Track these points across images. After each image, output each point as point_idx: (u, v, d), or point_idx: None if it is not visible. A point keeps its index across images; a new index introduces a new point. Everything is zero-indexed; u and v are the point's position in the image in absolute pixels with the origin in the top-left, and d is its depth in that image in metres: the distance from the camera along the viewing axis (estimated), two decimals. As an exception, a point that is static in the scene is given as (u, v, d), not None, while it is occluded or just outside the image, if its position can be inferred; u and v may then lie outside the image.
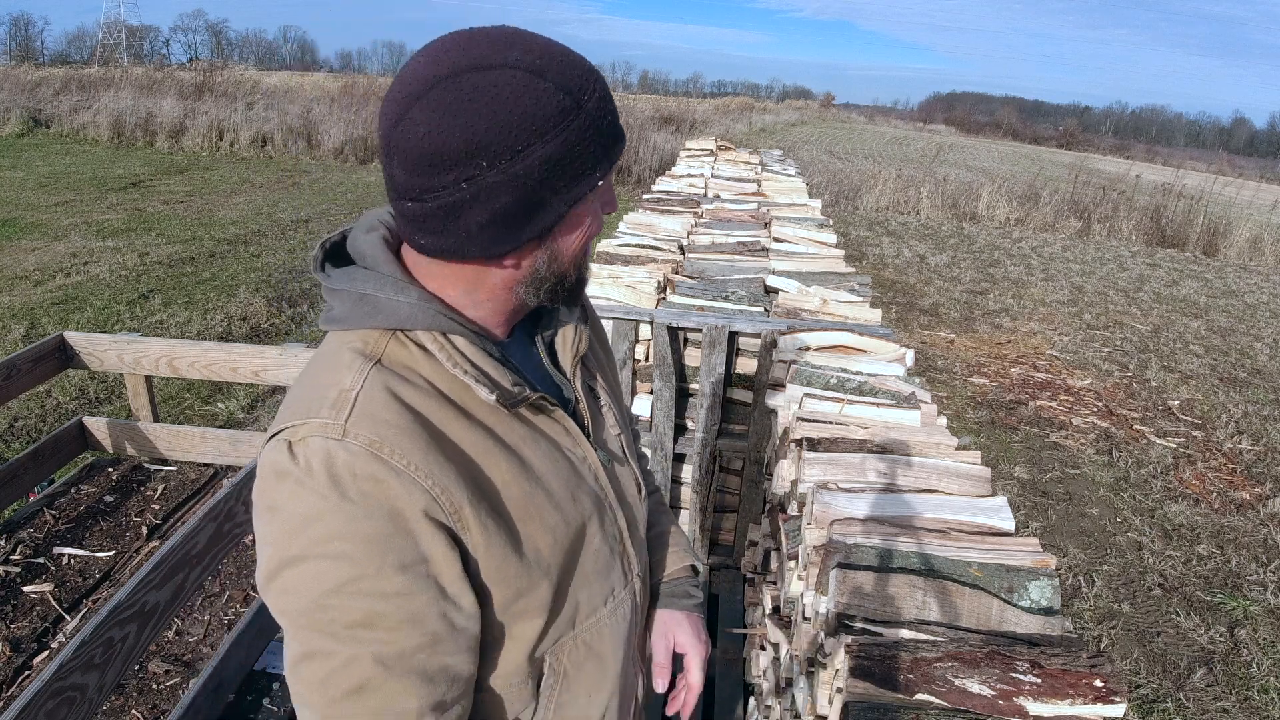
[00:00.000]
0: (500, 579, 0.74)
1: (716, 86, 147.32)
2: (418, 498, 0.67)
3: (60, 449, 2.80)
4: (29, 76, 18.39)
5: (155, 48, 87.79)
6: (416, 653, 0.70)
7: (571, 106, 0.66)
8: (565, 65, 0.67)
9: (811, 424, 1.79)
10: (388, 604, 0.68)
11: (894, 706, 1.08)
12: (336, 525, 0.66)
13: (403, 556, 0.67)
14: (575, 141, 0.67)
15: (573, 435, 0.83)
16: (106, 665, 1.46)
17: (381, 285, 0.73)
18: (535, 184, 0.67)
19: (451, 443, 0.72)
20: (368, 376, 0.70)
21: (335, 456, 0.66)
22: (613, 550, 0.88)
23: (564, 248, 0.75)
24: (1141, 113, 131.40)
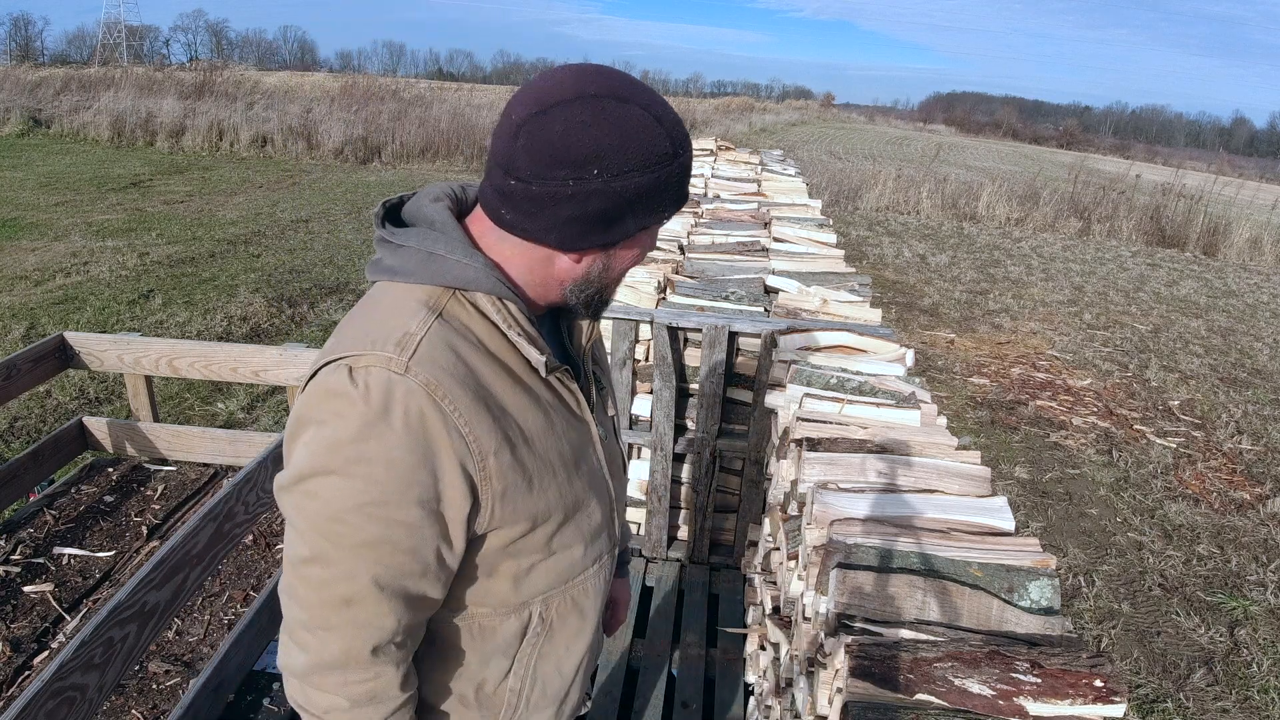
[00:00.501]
0: (510, 518, 0.84)
1: (716, 86, 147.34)
2: (455, 441, 0.76)
3: (60, 449, 2.80)
4: (29, 76, 18.38)
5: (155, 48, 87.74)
6: (407, 578, 0.80)
7: (672, 154, 0.79)
8: (675, 123, 0.80)
9: (811, 424, 1.79)
10: (398, 531, 0.77)
11: (894, 706, 1.08)
12: (376, 450, 0.74)
13: (424, 492, 0.76)
14: (663, 182, 0.79)
15: (583, 407, 0.94)
16: (106, 665, 1.46)
17: (452, 247, 0.82)
18: (624, 202, 0.78)
19: (494, 397, 0.81)
20: (431, 326, 0.79)
21: (395, 388, 0.74)
22: (604, 516, 0.98)
23: (617, 263, 0.86)
24: (1141, 113, 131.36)
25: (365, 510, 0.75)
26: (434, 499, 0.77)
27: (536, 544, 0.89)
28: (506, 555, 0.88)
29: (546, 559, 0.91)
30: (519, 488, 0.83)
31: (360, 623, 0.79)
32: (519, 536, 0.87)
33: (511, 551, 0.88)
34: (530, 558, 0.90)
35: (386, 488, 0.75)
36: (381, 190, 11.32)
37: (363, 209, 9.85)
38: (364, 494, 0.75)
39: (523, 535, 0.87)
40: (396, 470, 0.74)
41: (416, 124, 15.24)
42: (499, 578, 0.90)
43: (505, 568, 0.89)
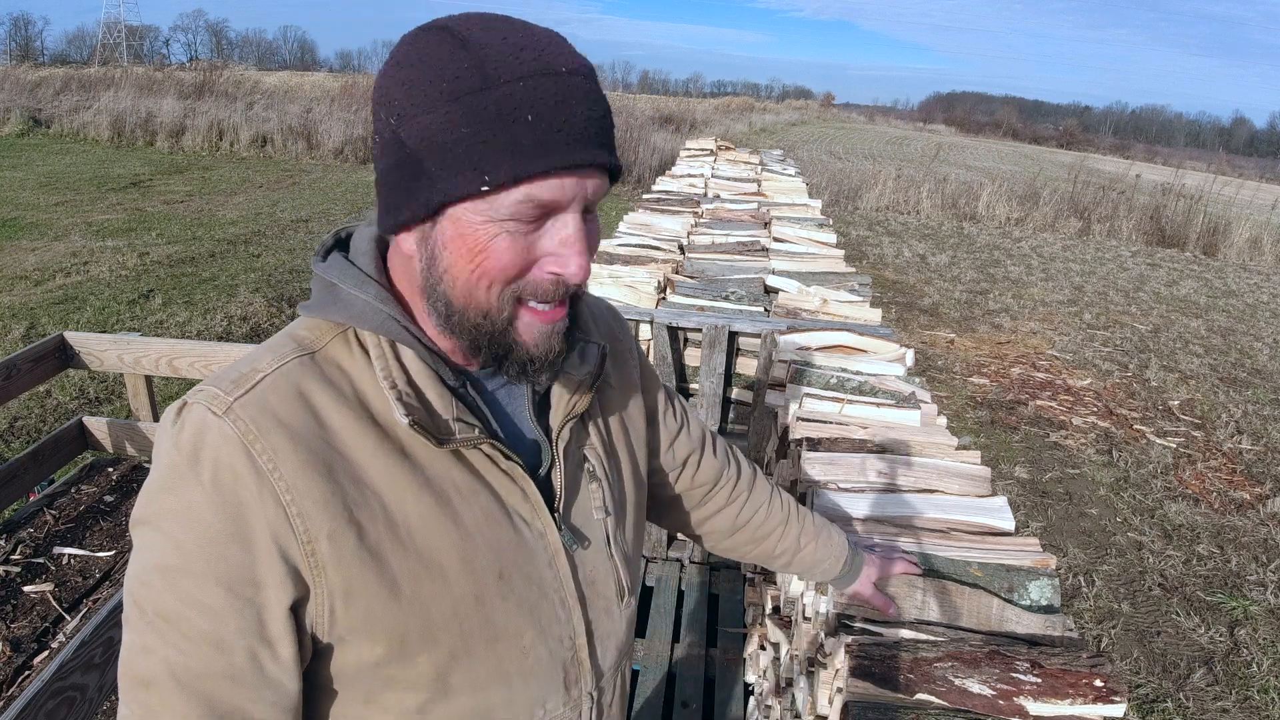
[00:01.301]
0: (365, 630, 0.64)
1: (716, 86, 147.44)
2: (270, 510, 0.59)
3: (60, 449, 2.80)
4: (29, 76, 18.40)
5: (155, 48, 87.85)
6: (209, 679, 0.61)
7: (476, 83, 0.56)
8: (504, 46, 0.57)
9: (811, 424, 1.79)
10: (196, 614, 0.60)
11: (894, 706, 1.08)
12: (178, 504, 0.59)
13: (230, 571, 0.59)
14: (464, 123, 0.56)
15: (532, 503, 0.71)
16: (106, 665, 1.46)
17: (345, 276, 0.67)
18: (414, 154, 0.59)
19: (349, 463, 0.62)
20: (285, 365, 0.63)
21: (206, 432, 0.60)
22: (553, 653, 0.74)
23: (448, 259, 0.61)
24: (1141, 113, 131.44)
25: (162, 576, 0.60)
26: (245, 582, 0.59)
27: (421, 677, 0.67)
28: (380, 682, 0.67)
29: (443, 699, 0.69)
30: (373, 590, 0.63)
31: (150, 712, 0.61)
32: (387, 659, 0.65)
33: (385, 678, 0.67)
34: (417, 694, 0.68)
35: (183, 554, 0.59)
36: (381, 190, 11.32)
37: (363, 209, 9.86)
38: (166, 555, 0.60)
39: (391, 660, 0.65)
40: (198, 535, 0.59)
41: (416, 124, 15.21)
42: (378, 709, 0.69)
43: (385, 699, 0.68)
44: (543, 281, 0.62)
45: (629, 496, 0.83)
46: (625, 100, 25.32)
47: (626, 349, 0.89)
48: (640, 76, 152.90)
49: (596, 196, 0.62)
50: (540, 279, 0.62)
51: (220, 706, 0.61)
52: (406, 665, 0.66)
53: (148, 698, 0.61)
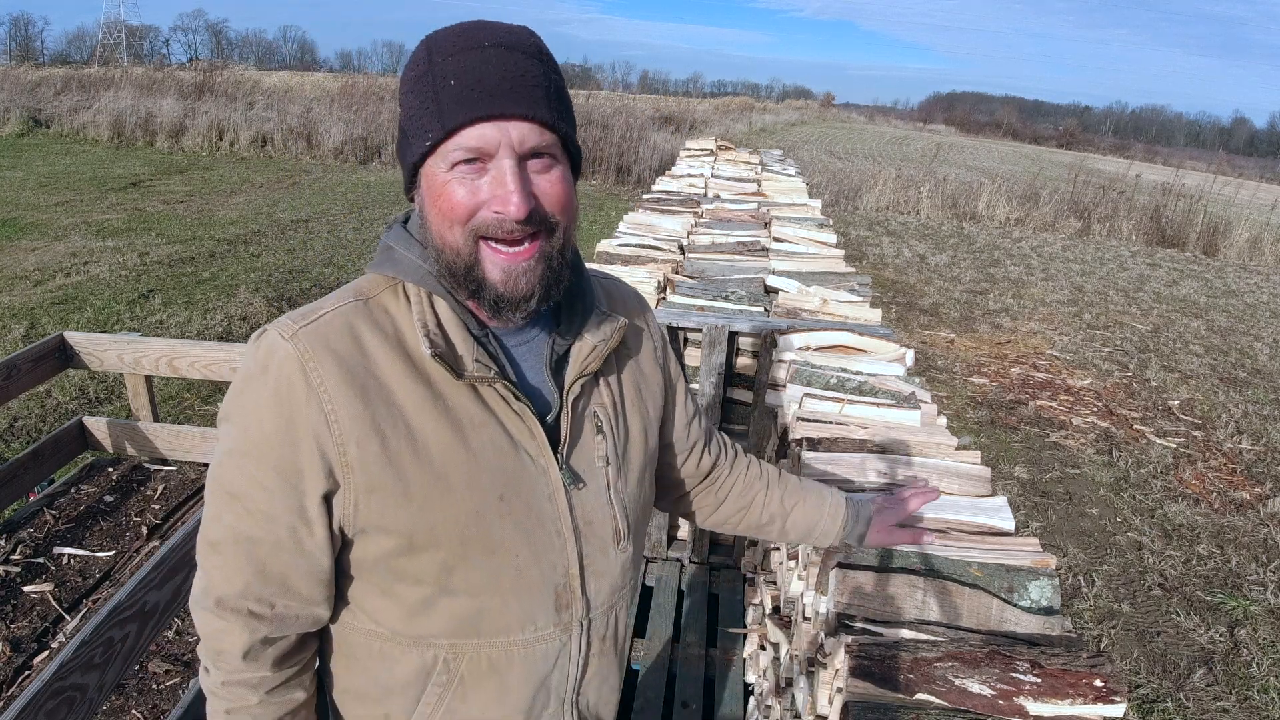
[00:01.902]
0: (380, 523, 0.78)
1: (716, 86, 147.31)
2: (314, 416, 0.74)
3: (60, 449, 2.80)
4: (29, 76, 18.40)
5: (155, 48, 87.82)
6: (262, 545, 0.77)
7: (424, 68, 0.74)
8: (448, 35, 0.75)
9: (811, 424, 1.79)
10: (255, 491, 0.76)
11: (894, 706, 1.08)
12: (249, 403, 0.76)
13: (281, 460, 0.75)
14: (416, 96, 0.75)
15: (537, 442, 0.82)
16: (106, 665, 1.46)
17: (399, 240, 0.83)
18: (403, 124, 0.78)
19: (384, 388, 0.76)
20: (343, 306, 0.79)
21: (275, 349, 0.75)
22: (545, 576, 0.84)
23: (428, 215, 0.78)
24: (1141, 113, 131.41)
25: (234, 459, 0.77)
26: (292, 471, 0.75)
27: (424, 572, 0.80)
28: (391, 573, 0.81)
29: (445, 596, 0.82)
30: (390, 490, 0.76)
31: (216, 568, 0.79)
32: (397, 553, 0.79)
33: (396, 570, 0.81)
34: (423, 588, 0.81)
35: (249, 442, 0.76)
36: (381, 190, 11.33)
37: (363, 209, 9.86)
38: (235, 442, 0.77)
39: (401, 553, 0.79)
40: (261, 429, 0.75)
41: (416, 124, 15.21)
42: (391, 599, 0.83)
43: (397, 590, 0.82)
44: (490, 219, 0.75)
45: (634, 453, 0.94)
46: (625, 100, 25.33)
47: (648, 330, 1.01)
48: (640, 76, 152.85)
49: (526, 143, 0.74)
50: (488, 217, 0.75)
51: (268, 568, 0.79)
52: (413, 560, 0.80)
53: (215, 557, 0.79)
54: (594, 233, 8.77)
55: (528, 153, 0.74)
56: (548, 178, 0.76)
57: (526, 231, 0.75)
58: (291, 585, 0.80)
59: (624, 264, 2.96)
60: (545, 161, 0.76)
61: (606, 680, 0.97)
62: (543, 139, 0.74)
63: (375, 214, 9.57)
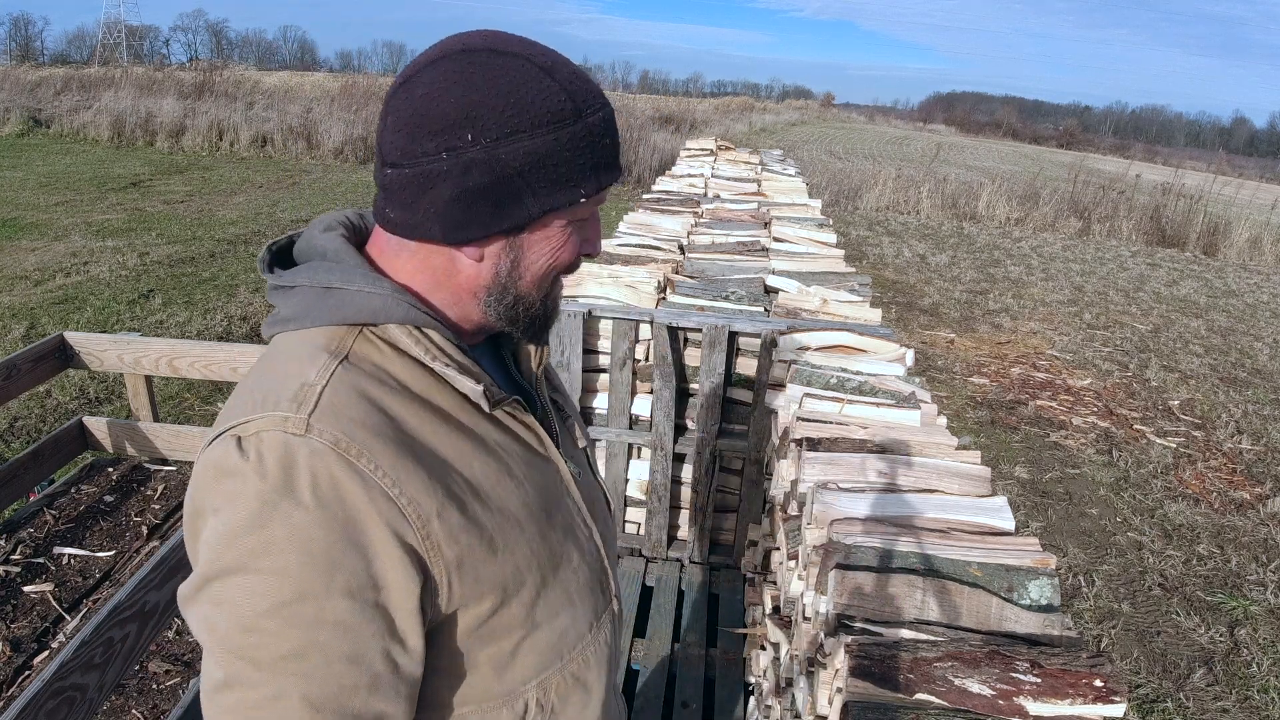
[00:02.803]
0: (475, 593, 0.68)
1: (716, 86, 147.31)
2: (383, 509, 0.61)
3: (60, 449, 2.80)
4: (29, 76, 18.39)
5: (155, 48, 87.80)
6: (351, 695, 0.61)
7: (572, 112, 0.65)
8: (577, 76, 0.67)
9: (811, 424, 1.79)
10: (327, 634, 0.59)
11: (894, 706, 1.08)
12: (282, 533, 0.58)
13: (353, 579, 0.60)
14: (566, 147, 0.65)
15: (546, 445, 0.79)
16: (106, 665, 1.46)
17: (350, 277, 0.68)
18: (513, 173, 0.64)
19: (425, 447, 0.66)
20: (334, 372, 0.65)
21: (295, 453, 0.59)
22: (591, 568, 0.82)
23: (529, 259, 0.71)
24: (1141, 113, 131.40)
25: (282, 613, 0.58)
26: (369, 586, 0.61)
27: (515, 619, 0.73)
28: (480, 640, 0.72)
29: (530, 634, 0.75)
30: (478, 553, 0.67)
31: None
32: (490, 614, 0.71)
33: (485, 634, 0.71)
34: (511, 638, 0.73)
35: (305, 580, 0.58)
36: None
37: (363, 209, 9.85)
38: (279, 592, 0.58)
39: (494, 612, 0.71)
40: (314, 555, 0.58)
41: (416, 124, 15.23)
42: (478, 669, 0.73)
43: (483, 656, 0.72)
44: (577, 261, 0.75)
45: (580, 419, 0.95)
46: (625, 100, 25.32)
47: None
48: (640, 76, 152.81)
49: None
50: (576, 260, 0.75)
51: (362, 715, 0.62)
52: (505, 613, 0.72)
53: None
54: (594, 233, 8.77)
55: None
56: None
57: None
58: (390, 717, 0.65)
59: (624, 264, 2.96)
60: None
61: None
62: None
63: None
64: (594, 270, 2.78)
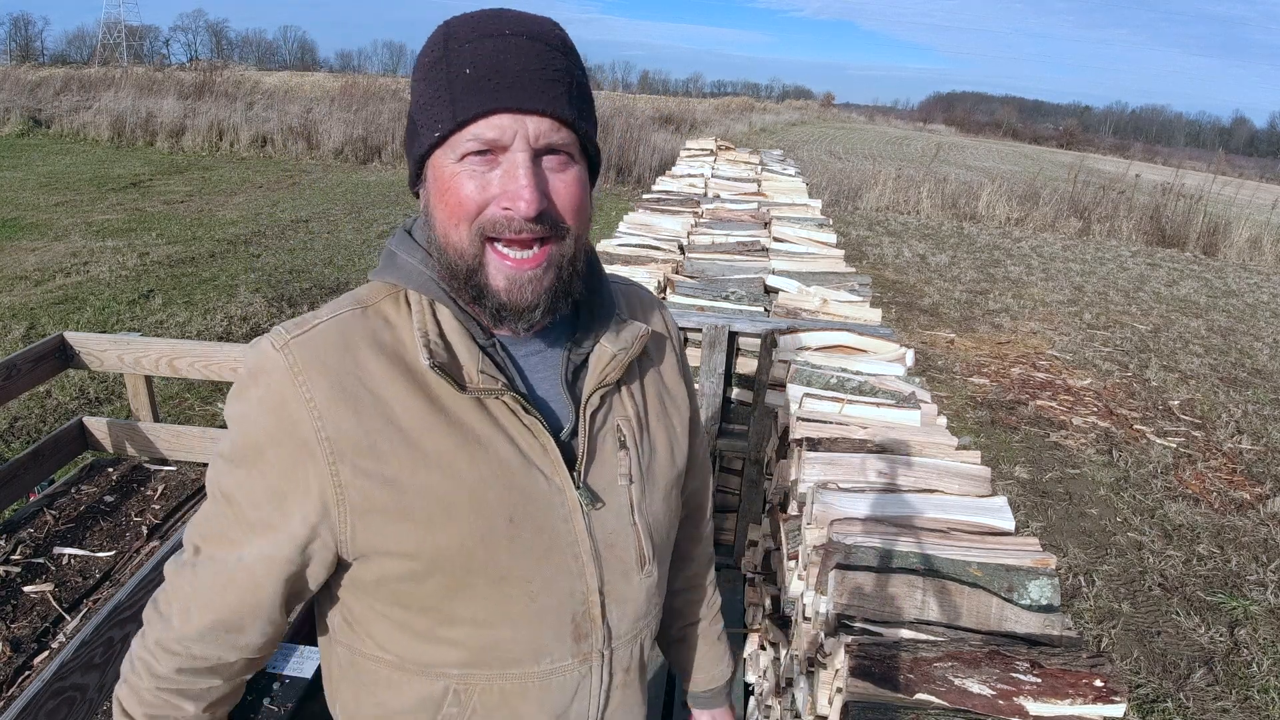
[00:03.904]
0: (379, 546, 0.73)
1: (716, 86, 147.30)
2: (305, 432, 0.70)
3: (60, 449, 2.80)
4: (29, 76, 18.39)
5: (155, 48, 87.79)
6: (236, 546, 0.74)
7: (440, 51, 0.70)
8: (467, 21, 0.70)
9: (811, 424, 1.79)
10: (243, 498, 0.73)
11: (894, 706, 1.08)
12: (239, 410, 0.73)
13: (265, 475, 0.71)
14: (429, 84, 0.70)
15: (552, 460, 0.76)
16: (106, 665, 1.46)
17: (401, 245, 0.78)
18: (412, 116, 0.73)
19: (380, 401, 0.71)
20: (339, 315, 0.74)
21: (266, 359, 0.71)
22: (561, 604, 0.78)
23: (434, 210, 0.72)
24: (1141, 113, 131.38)
25: (226, 458, 0.74)
26: (277, 487, 0.71)
27: (429, 597, 0.75)
28: (394, 599, 0.76)
29: (452, 626, 0.76)
30: (388, 511, 0.71)
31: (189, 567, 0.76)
32: (399, 577, 0.74)
33: (399, 595, 0.76)
34: (428, 615, 0.76)
35: (239, 448, 0.72)
36: (381, 190, 11.32)
37: (363, 209, 9.86)
38: (228, 447, 0.74)
39: (404, 578, 0.74)
40: (249, 439, 0.71)
41: (416, 124, 15.24)
42: (395, 624, 0.78)
43: (401, 616, 0.77)
44: (498, 216, 0.69)
45: (660, 470, 0.87)
46: (625, 100, 25.31)
47: (670, 338, 0.95)
48: (640, 76, 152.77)
49: (543, 138, 0.68)
50: (495, 214, 0.69)
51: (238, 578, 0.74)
52: (416, 585, 0.75)
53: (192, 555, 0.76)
54: (594, 233, 8.74)
55: (543, 149, 0.69)
56: (563, 177, 0.70)
57: (536, 234, 0.70)
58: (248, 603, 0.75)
59: (624, 264, 2.96)
60: (561, 159, 0.70)
61: (631, 712, 0.90)
62: (561, 136, 0.69)
63: (375, 214, 9.57)
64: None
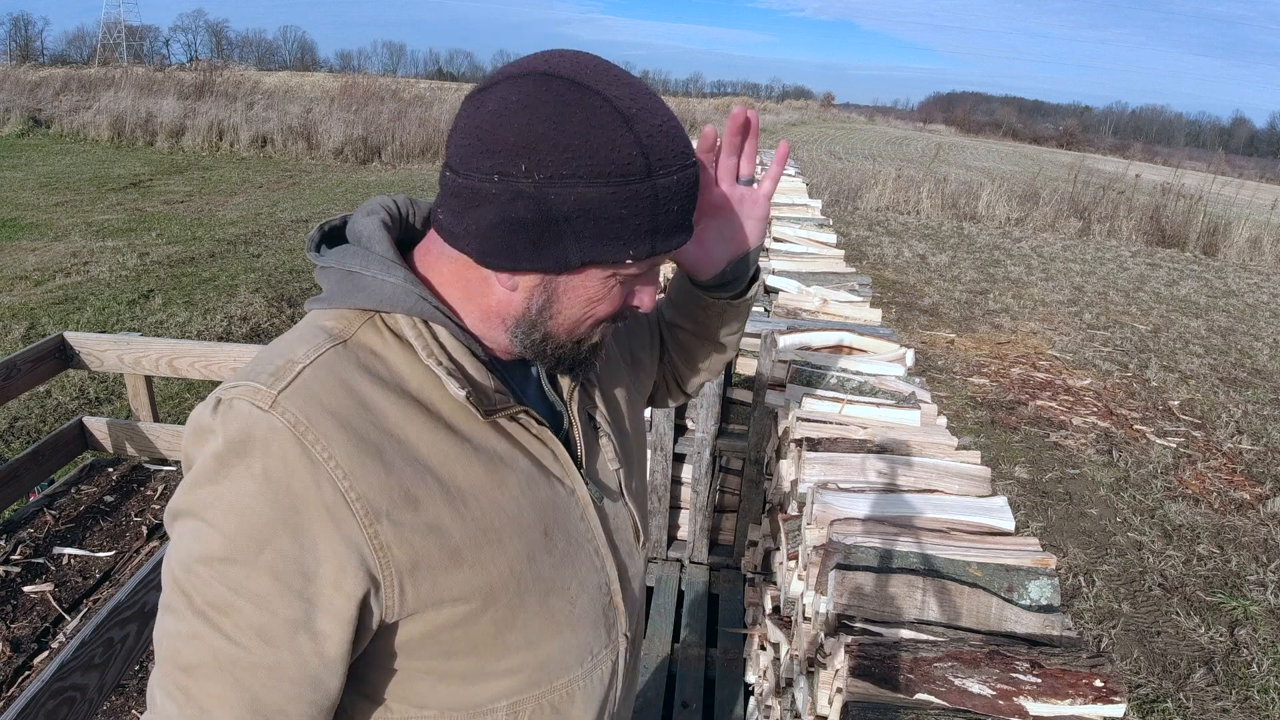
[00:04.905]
0: (432, 600, 0.66)
1: (716, 86, 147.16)
2: (329, 499, 0.60)
3: (60, 449, 2.80)
4: (29, 76, 18.40)
5: (155, 48, 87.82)
6: (254, 670, 0.61)
7: (641, 170, 0.61)
8: (661, 133, 0.63)
9: (811, 424, 1.79)
10: (245, 603, 0.60)
11: (894, 706, 1.08)
12: (227, 495, 0.60)
13: (281, 561, 0.60)
14: (623, 204, 0.62)
15: (562, 463, 0.75)
16: (106, 665, 1.46)
17: (368, 262, 0.68)
18: (559, 216, 0.61)
19: (399, 443, 0.64)
20: (323, 354, 0.64)
21: (255, 426, 0.60)
22: (594, 600, 0.78)
23: (563, 303, 0.68)
24: (1141, 113, 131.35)
25: (214, 566, 0.60)
26: (296, 573, 0.60)
27: (483, 635, 0.70)
28: (441, 650, 0.70)
29: (504, 658, 0.72)
30: (437, 560, 0.65)
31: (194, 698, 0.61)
32: (454, 624, 0.68)
33: (449, 644, 0.69)
34: (477, 656, 0.71)
35: (237, 545, 0.59)
36: (381, 190, 11.33)
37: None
38: (214, 545, 0.60)
39: (458, 623, 0.68)
40: (250, 525, 0.59)
41: (416, 124, 15.26)
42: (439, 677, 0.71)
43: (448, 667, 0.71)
44: (621, 314, 0.72)
45: (632, 445, 0.89)
46: (625, 100, 25.24)
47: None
48: (640, 76, 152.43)
49: None
50: (618, 313, 0.71)
51: (262, 700, 0.61)
52: (468, 628, 0.69)
53: (190, 684, 0.61)
54: (594, 233, 8.77)
55: None
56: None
57: None
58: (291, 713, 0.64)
59: (624, 264, 2.96)
60: None
61: (633, 686, 0.92)
62: None
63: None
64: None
